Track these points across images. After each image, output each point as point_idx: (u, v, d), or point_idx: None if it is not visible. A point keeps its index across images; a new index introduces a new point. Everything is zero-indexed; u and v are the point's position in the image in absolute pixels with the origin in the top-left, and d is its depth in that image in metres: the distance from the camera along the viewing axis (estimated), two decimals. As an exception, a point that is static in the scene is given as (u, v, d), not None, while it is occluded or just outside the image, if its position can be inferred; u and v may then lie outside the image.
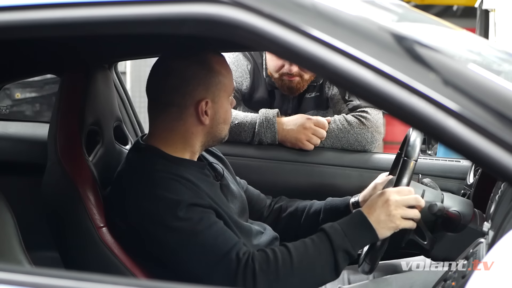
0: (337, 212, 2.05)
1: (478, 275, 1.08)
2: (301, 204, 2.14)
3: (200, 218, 1.69)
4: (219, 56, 1.83)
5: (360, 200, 2.07)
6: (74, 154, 1.84)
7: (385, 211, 1.71)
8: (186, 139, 1.81)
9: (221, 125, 1.82)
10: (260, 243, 1.89)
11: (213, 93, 1.78)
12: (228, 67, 1.84)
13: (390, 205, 1.71)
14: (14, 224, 1.52)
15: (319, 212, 2.08)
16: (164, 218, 1.69)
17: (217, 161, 2.00)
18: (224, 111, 1.81)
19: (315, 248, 1.70)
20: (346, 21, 1.18)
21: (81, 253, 1.83)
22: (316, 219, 2.06)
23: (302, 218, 2.10)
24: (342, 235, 1.70)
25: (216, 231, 1.70)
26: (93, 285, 1.16)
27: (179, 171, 1.76)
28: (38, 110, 5.84)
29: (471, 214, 1.87)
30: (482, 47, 1.63)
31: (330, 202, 2.11)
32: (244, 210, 1.97)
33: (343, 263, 1.71)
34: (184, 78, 1.77)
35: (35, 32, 1.25)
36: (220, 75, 1.79)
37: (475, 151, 1.07)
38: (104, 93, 2.03)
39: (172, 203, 1.69)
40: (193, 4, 1.13)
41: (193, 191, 1.73)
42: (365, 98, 1.14)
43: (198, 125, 1.80)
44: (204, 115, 1.78)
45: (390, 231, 1.73)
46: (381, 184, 2.05)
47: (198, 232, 1.68)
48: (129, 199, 1.75)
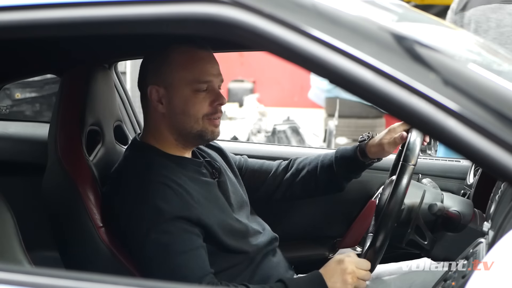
0: (348, 161, 2.09)
1: (478, 275, 1.08)
2: (313, 162, 2.14)
3: (179, 236, 1.70)
4: (187, 47, 1.79)
5: (367, 146, 2.06)
6: (74, 154, 1.84)
7: (342, 278, 1.75)
8: (158, 129, 1.83)
9: (180, 116, 1.79)
10: (259, 243, 1.89)
11: (164, 81, 1.79)
12: (197, 60, 1.79)
13: (347, 273, 1.75)
14: (14, 224, 1.52)
15: (332, 165, 2.10)
16: (146, 225, 1.70)
17: (215, 154, 2.00)
18: (181, 101, 1.78)
19: None
20: (346, 21, 1.18)
21: (81, 253, 1.83)
22: (332, 171, 2.10)
23: (317, 174, 2.11)
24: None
25: (189, 254, 1.70)
26: (93, 285, 1.16)
27: (173, 174, 1.76)
28: (38, 110, 5.83)
29: (471, 214, 1.87)
30: (482, 47, 1.62)
31: (341, 153, 2.11)
32: (243, 203, 1.97)
33: None
34: (144, 64, 1.85)
35: (35, 32, 1.26)
36: (175, 64, 1.78)
37: (475, 151, 1.07)
38: (104, 93, 2.03)
39: (158, 211, 1.69)
40: (193, 4, 1.13)
41: (183, 200, 1.72)
42: (365, 98, 1.14)
43: (158, 113, 1.81)
44: (156, 102, 1.80)
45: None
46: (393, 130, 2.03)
47: (171, 249, 1.69)
48: (121, 200, 1.76)
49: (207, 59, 1.81)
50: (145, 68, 1.84)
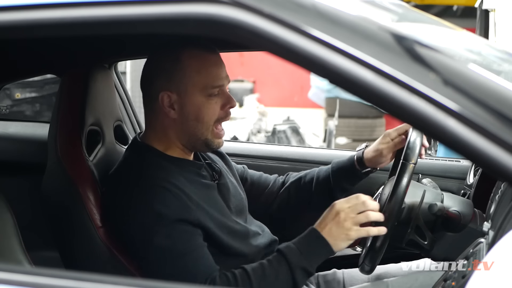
0: (346, 172, 2.07)
1: (478, 275, 1.08)
2: (308, 175, 2.13)
3: (180, 237, 1.69)
4: (198, 51, 1.78)
5: (365, 151, 2.05)
6: (74, 154, 1.84)
7: (335, 223, 1.70)
8: (165, 133, 1.82)
9: (193, 122, 1.78)
10: (259, 244, 1.88)
11: (177, 86, 1.76)
12: (208, 66, 1.78)
13: (340, 216, 1.69)
14: (14, 224, 1.52)
15: (328, 178, 2.09)
16: (148, 229, 1.69)
17: (216, 157, 2.00)
18: (195, 107, 1.77)
19: (273, 270, 1.71)
20: (346, 21, 1.18)
21: (81, 253, 1.83)
22: (328, 185, 2.08)
23: (313, 188, 2.10)
24: (298, 253, 1.70)
25: (194, 257, 1.70)
26: (93, 285, 1.16)
27: (172, 176, 1.75)
28: (38, 110, 5.83)
29: (471, 214, 1.87)
30: (482, 47, 1.63)
31: (337, 164, 2.10)
32: (243, 208, 1.96)
33: (301, 280, 1.72)
34: (153, 68, 1.81)
35: (35, 32, 1.26)
36: (188, 70, 1.76)
37: (475, 151, 1.07)
38: (104, 93, 2.03)
39: (158, 215, 1.69)
40: (193, 4, 1.13)
41: (183, 203, 1.72)
42: (365, 98, 1.14)
43: (168, 119, 1.79)
44: (168, 107, 1.77)
45: (345, 243, 1.71)
46: (389, 135, 2.03)
47: (177, 253, 1.69)
48: (120, 201, 1.76)
49: (218, 63, 1.81)
50: (154, 72, 1.80)
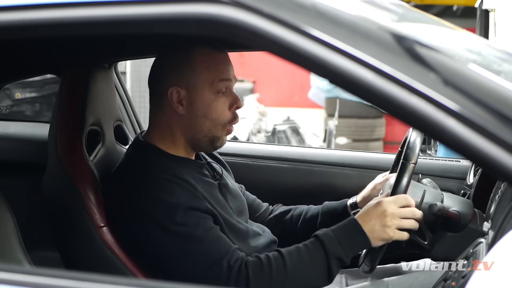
0: (335, 214, 2.05)
1: (478, 275, 1.08)
2: (297, 210, 2.13)
3: (196, 224, 1.69)
4: (208, 49, 1.79)
5: (358, 201, 2.06)
6: (75, 154, 1.84)
7: (380, 221, 1.70)
8: (171, 131, 1.82)
9: (201, 119, 1.79)
10: (258, 245, 1.88)
11: (187, 82, 1.77)
12: (218, 62, 1.80)
13: (386, 216, 1.70)
14: (14, 224, 1.52)
15: (317, 216, 2.08)
16: (161, 221, 1.69)
17: (216, 162, 2.00)
18: (204, 104, 1.78)
19: (309, 255, 1.70)
20: (346, 21, 1.18)
21: (81, 253, 1.83)
22: (314, 223, 2.06)
23: (299, 224, 2.09)
24: (336, 242, 1.70)
25: (210, 238, 1.70)
26: (93, 285, 1.16)
27: (176, 171, 1.75)
28: (38, 110, 5.83)
29: (471, 214, 1.87)
30: (482, 47, 1.63)
31: (328, 206, 2.10)
32: (243, 210, 1.97)
33: (335, 269, 1.71)
34: (162, 64, 1.82)
35: (35, 32, 1.26)
36: (197, 66, 1.77)
37: (475, 151, 1.07)
38: (104, 93, 2.03)
39: (170, 206, 1.69)
40: (193, 4, 1.14)
41: (190, 193, 1.72)
42: (365, 98, 1.14)
43: (176, 115, 1.80)
44: (176, 103, 1.78)
45: (382, 242, 1.73)
46: (380, 184, 2.05)
47: (193, 238, 1.69)
48: (127, 199, 1.75)
49: (227, 61, 1.83)
50: (163, 69, 1.82)
